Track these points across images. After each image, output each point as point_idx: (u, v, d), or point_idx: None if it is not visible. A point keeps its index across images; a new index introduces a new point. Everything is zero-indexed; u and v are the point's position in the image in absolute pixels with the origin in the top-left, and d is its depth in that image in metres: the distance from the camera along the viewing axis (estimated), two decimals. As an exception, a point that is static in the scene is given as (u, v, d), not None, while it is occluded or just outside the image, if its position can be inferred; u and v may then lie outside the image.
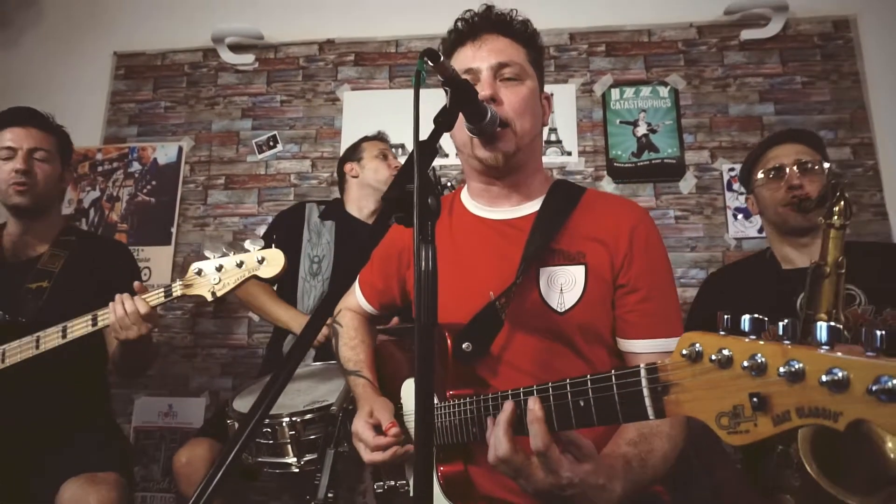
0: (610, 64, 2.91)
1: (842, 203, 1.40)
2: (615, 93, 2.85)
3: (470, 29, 1.20)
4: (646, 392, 0.70)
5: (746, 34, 2.81)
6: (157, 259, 2.93)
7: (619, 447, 0.97)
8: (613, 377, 0.75)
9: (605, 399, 0.76)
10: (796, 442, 1.29)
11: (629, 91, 2.85)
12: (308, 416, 1.59)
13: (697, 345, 0.62)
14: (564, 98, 2.88)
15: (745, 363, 0.57)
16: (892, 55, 2.71)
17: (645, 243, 1.15)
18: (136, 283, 1.55)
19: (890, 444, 1.20)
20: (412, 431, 1.17)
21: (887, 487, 1.18)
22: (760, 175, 1.80)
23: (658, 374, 0.69)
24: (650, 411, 0.70)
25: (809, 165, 1.73)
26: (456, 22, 1.22)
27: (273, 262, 1.46)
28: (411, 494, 1.15)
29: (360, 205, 2.44)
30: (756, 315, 0.58)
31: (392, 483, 1.26)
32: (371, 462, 1.14)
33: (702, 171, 2.74)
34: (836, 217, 1.41)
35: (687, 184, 2.74)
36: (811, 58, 2.78)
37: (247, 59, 3.10)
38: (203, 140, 3.07)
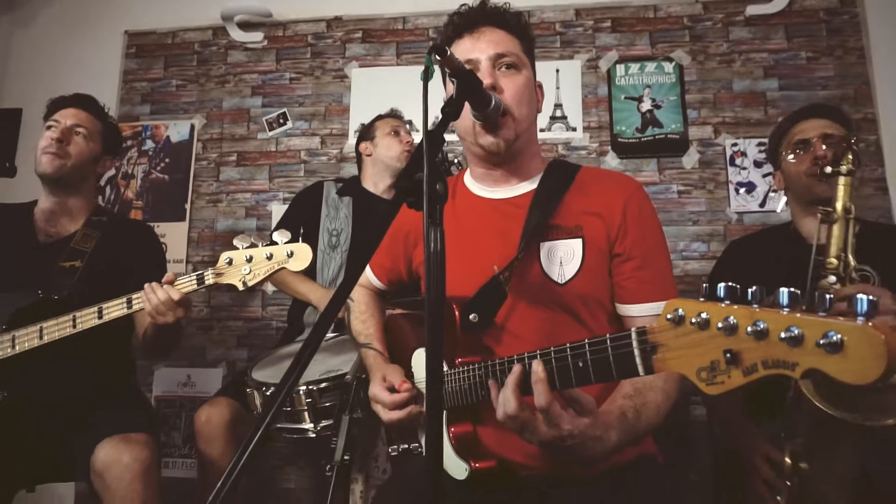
0: (615, 40, 2.93)
1: (849, 153, 1.46)
2: (620, 69, 2.88)
3: (467, 22, 1.26)
4: (636, 352, 0.79)
5: (752, 9, 2.82)
6: (172, 235, 3.02)
7: (615, 400, 1.06)
8: (608, 340, 0.84)
9: (601, 360, 0.85)
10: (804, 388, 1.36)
11: (634, 67, 2.87)
12: (324, 385, 1.69)
13: (680, 310, 0.71)
14: (570, 74, 2.91)
15: (720, 324, 0.65)
16: (897, 30, 2.72)
17: (638, 214, 1.23)
18: (167, 275, 1.63)
19: None
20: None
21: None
22: (786, 150, 1.83)
23: (647, 336, 0.78)
24: (640, 369, 0.79)
25: (834, 139, 1.76)
26: (452, 16, 1.28)
27: (301, 256, 1.53)
28: (424, 455, 1.24)
29: (376, 181, 2.51)
30: (730, 284, 0.67)
31: (406, 446, 1.35)
32: (390, 421, 1.23)
33: (705, 147, 2.78)
34: (843, 165, 1.46)
35: (690, 159, 2.78)
36: (816, 33, 2.79)
37: (256, 37, 3.14)
38: (214, 118, 3.14)
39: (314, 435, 1.71)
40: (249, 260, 1.56)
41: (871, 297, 0.54)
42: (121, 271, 1.87)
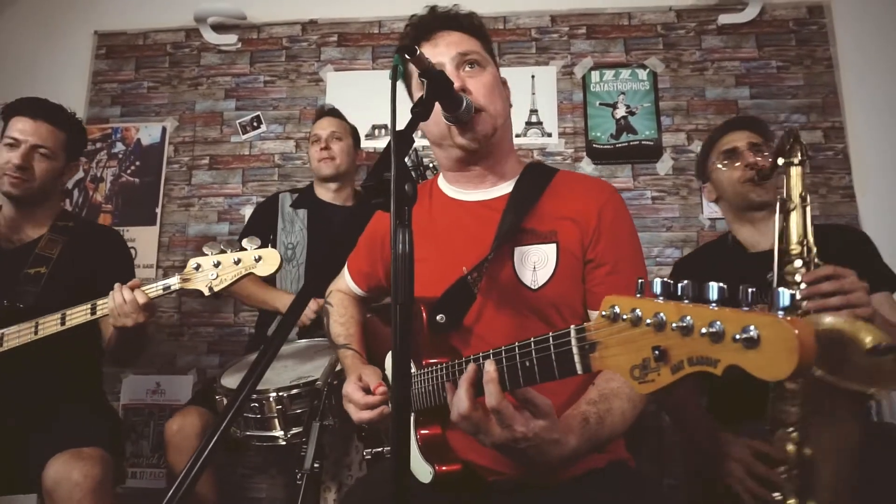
0: (590, 46, 2.95)
1: (798, 145, 1.49)
2: (595, 75, 2.90)
3: (422, 30, 1.25)
4: (575, 350, 0.78)
5: (724, 18, 2.87)
6: (142, 239, 2.96)
7: (579, 406, 1.04)
8: (550, 338, 0.82)
9: (544, 359, 0.83)
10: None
11: (609, 74, 2.89)
12: (294, 391, 1.66)
13: (616, 307, 0.69)
14: (545, 80, 2.92)
15: (649, 320, 0.63)
16: (864, 41, 2.78)
17: (612, 220, 1.22)
18: (133, 280, 1.60)
19: (868, 339, 1.20)
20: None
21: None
22: (717, 160, 1.86)
23: (585, 333, 0.76)
24: (578, 367, 0.77)
25: (760, 148, 1.81)
26: (406, 27, 1.27)
27: (269, 260, 1.52)
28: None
29: (324, 189, 2.49)
30: (665, 279, 0.64)
31: (379, 449, 1.34)
32: (360, 421, 1.21)
33: (678, 153, 2.81)
34: (794, 156, 1.49)
35: (664, 165, 2.81)
36: (786, 43, 2.84)
37: (229, 40, 3.09)
38: (187, 120, 3.08)
39: (284, 442, 1.69)
40: (217, 265, 1.54)
41: (792, 293, 0.53)
42: (87, 278, 1.82)
